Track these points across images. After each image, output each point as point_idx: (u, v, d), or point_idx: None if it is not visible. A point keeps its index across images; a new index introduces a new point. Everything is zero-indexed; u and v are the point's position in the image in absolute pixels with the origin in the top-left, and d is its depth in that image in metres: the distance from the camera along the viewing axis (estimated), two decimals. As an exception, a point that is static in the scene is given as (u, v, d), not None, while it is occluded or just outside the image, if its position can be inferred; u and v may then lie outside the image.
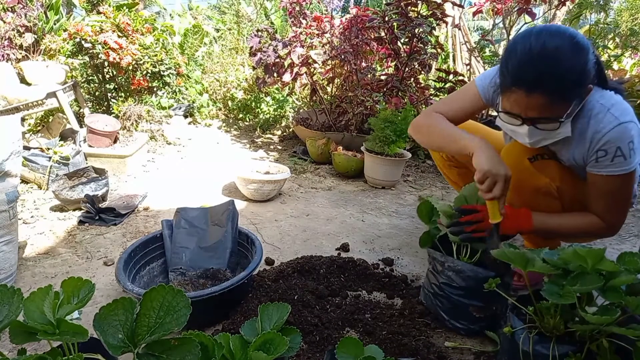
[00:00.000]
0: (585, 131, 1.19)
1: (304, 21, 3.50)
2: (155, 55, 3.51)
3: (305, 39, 3.40)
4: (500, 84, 1.17)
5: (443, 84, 3.32)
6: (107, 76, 3.62)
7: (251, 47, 3.26)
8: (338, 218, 2.26)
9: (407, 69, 3.20)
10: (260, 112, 4.56)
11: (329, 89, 3.86)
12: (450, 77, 3.22)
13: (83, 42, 3.21)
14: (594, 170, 1.21)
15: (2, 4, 3.47)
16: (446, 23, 4.96)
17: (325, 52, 3.34)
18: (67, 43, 3.44)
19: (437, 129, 1.38)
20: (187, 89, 4.62)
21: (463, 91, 1.48)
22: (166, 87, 3.78)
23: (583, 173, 1.27)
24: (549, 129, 1.16)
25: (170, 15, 6.70)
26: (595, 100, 1.17)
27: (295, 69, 3.26)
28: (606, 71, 1.26)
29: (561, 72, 1.07)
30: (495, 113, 1.63)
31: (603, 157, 1.16)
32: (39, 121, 3.46)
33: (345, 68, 3.52)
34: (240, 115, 4.75)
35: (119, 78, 3.60)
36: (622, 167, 1.15)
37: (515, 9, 3.23)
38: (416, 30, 2.95)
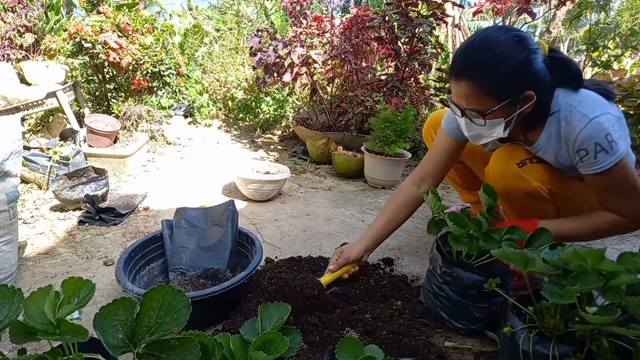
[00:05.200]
0: (559, 134, 1.19)
1: (304, 21, 3.50)
2: (155, 55, 3.51)
3: (306, 38, 3.40)
4: None
5: (443, 83, 3.32)
6: (107, 76, 3.62)
7: (251, 47, 3.26)
8: (338, 218, 2.26)
9: (407, 68, 3.20)
10: (260, 112, 4.57)
11: (329, 89, 3.86)
12: (451, 77, 3.21)
13: (83, 42, 3.21)
14: (584, 171, 1.19)
15: (2, 4, 3.47)
16: (446, 23, 4.97)
17: (325, 52, 3.34)
18: (67, 43, 3.45)
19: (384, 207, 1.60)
20: (187, 89, 4.63)
21: (436, 141, 1.52)
22: (166, 87, 3.79)
23: (574, 172, 1.25)
24: (477, 123, 1.18)
25: (170, 15, 6.71)
26: (560, 101, 1.17)
27: (295, 69, 3.26)
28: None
29: (489, 61, 1.08)
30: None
31: (586, 157, 1.15)
32: (39, 121, 3.47)
33: (346, 68, 3.52)
34: (240, 115, 4.75)
35: (119, 78, 3.60)
36: (608, 160, 1.13)
37: (515, 9, 3.22)
38: (416, 30, 2.95)
